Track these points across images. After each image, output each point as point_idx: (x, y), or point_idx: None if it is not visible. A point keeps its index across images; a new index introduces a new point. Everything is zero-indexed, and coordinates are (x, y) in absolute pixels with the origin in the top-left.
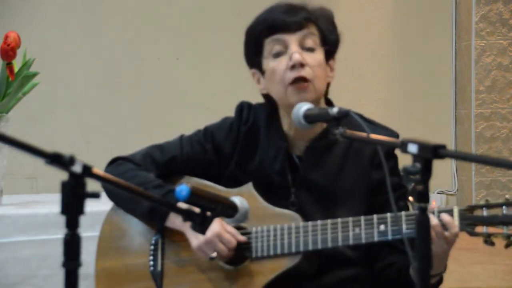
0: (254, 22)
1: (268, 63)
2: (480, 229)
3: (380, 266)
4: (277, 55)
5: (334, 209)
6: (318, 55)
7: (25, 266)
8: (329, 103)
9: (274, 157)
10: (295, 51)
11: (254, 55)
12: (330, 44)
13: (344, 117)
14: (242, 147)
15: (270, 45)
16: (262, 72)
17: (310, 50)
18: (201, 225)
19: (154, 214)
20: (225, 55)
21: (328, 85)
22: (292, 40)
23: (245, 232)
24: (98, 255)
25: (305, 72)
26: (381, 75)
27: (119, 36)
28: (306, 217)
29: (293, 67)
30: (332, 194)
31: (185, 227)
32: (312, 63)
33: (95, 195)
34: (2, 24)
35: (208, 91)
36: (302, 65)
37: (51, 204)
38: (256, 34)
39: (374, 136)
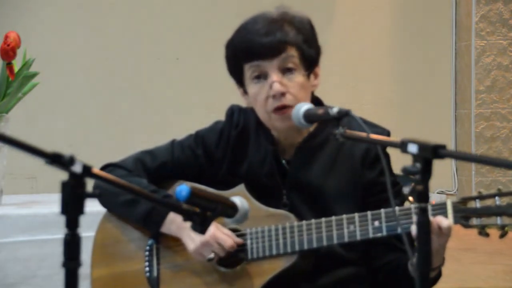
0: (233, 40)
1: (250, 87)
2: (474, 221)
3: (377, 265)
4: (258, 79)
5: (327, 210)
6: (298, 76)
7: (25, 266)
8: (319, 102)
9: (262, 160)
10: (275, 81)
11: (236, 75)
12: (310, 60)
13: (344, 117)
14: (233, 151)
15: (250, 70)
16: (245, 91)
17: (290, 71)
18: (201, 225)
19: (149, 220)
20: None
21: (312, 93)
22: (272, 67)
23: (239, 234)
24: (93, 263)
25: (286, 100)
26: (381, 75)
27: (119, 36)
28: (299, 218)
29: (274, 96)
30: (323, 195)
31: (181, 232)
32: (292, 88)
33: (95, 195)
34: (2, 24)
35: (208, 91)
36: (282, 93)
37: (51, 204)
38: (235, 58)
39: (373, 136)
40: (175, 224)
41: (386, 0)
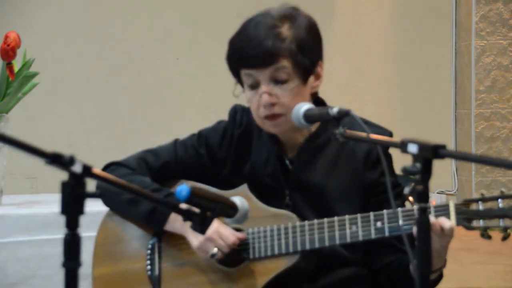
0: (232, 41)
1: (246, 92)
2: (476, 223)
3: (378, 266)
4: (251, 87)
5: (329, 210)
6: (292, 85)
7: (25, 266)
8: (321, 102)
9: (265, 160)
10: (264, 92)
11: (235, 76)
12: (304, 69)
13: (344, 117)
14: (236, 151)
15: (245, 77)
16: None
17: (283, 82)
18: (201, 225)
19: (152, 218)
20: (225, 55)
21: (315, 93)
22: (263, 76)
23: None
24: (94, 262)
25: (276, 110)
26: (381, 75)
27: (119, 36)
28: (301, 219)
29: (264, 106)
30: (326, 195)
31: (185, 230)
32: (284, 97)
33: (95, 195)
34: (2, 24)
35: (208, 91)
36: (272, 104)
37: (51, 204)
38: (232, 63)
39: (374, 136)
40: (179, 221)
41: (386, 0)
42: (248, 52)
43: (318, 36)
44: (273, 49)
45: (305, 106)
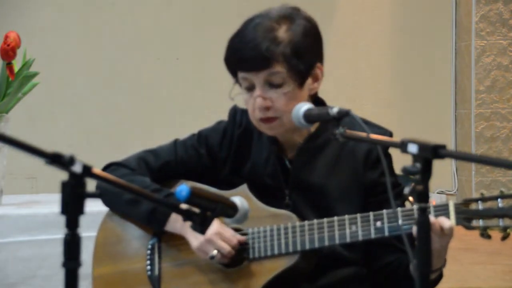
0: (231, 41)
1: (243, 94)
2: (476, 222)
3: (378, 266)
4: (248, 89)
5: (329, 210)
6: (286, 89)
7: (25, 266)
8: (321, 102)
9: (265, 160)
10: (258, 95)
11: (234, 77)
12: (299, 73)
13: (344, 117)
14: (236, 151)
15: (241, 80)
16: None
17: (277, 86)
18: (201, 225)
19: (153, 218)
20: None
21: (314, 94)
22: (258, 79)
23: (241, 234)
24: (94, 262)
25: (270, 113)
26: (381, 75)
27: (119, 36)
28: (301, 219)
29: (259, 108)
30: (325, 195)
31: (185, 230)
32: (278, 101)
33: (95, 195)
34: (2, 24)
35: (208, 91)
36: (266, 107)
37: (51, 204)
38: (229, 65)
39: (374, 136)
40: (179, 222)
41: (386, 0)
42: (243, 55)
43: (317, 38)
44: (267, 53)
45: (305, 106)
